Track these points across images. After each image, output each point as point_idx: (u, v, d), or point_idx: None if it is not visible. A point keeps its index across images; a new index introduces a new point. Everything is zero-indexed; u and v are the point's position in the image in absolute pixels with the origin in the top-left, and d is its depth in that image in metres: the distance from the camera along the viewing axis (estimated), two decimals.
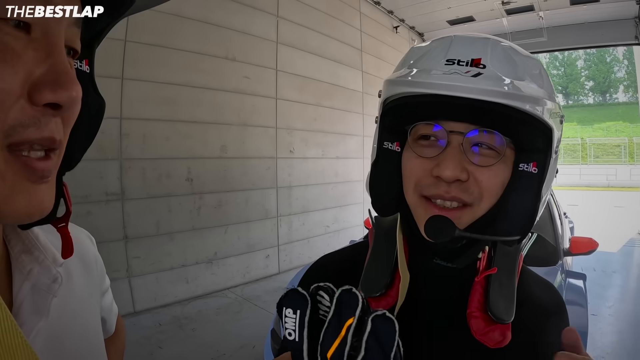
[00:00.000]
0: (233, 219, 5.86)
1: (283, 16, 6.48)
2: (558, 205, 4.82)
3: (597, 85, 54.65)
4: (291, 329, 0.42)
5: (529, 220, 0.68)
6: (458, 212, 0.67)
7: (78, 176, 4.15)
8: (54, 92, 0.39)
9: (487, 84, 0.62)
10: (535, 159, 0.67)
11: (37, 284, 0.54)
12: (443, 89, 0.63)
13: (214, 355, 3.87)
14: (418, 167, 0.69)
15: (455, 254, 0.72)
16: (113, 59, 4.44)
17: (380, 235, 0.78)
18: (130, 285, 4.70)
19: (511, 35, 10.24)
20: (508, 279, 0.69)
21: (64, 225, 0.54)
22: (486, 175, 0.66)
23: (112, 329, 0.90)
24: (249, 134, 6.02)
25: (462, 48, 0.68)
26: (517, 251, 0.74)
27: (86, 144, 0.56)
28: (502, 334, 0.63)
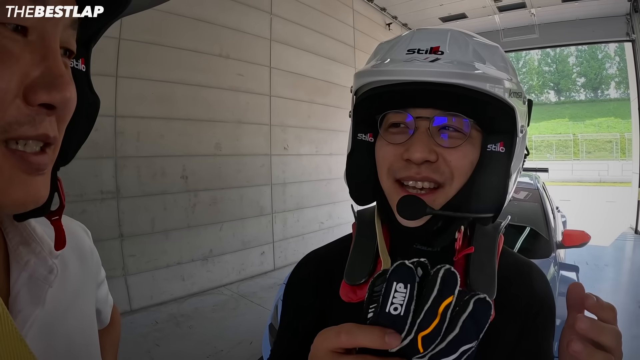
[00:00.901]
0: (228, 216, 5.86)
1: (276, 13, 6.47)
2: (551, 200, 4.87)
3: (588, 81, 54.85)
4: (399, 303, 0.41)
5: (500, 198, 0.70)
6: (431, 195, 0.70)
7: (73, 175, 4.15)
8: (49, 93, 0.41)
9: (444, 67, 0.65)
10: (502, 139, 0.70)
11: (33, 274, 0.56)
12: (402, 75, 0.66)
13: (211, 352, 3.87)
14: (390, 153, 0.73)
15: (433, 237, 0.74)
16: (107, 57, 4.42)
17: (362, 227, 0.82)
18: (127, 284, 4.69)
19: (503, 32, 10.29)
20: (488, 259, 0.72)
21: (58, 218, 0.55)
22: (454, 156, 0.69)
23: (107, 319, 0.92)
24: (243, 131, 6.02)
25: (422, 38, 0.72)
26: (496, 231, 0.78)
27: (81, 140, 0.58)
28: None
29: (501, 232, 0.79)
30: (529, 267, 0.82)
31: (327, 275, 0.83)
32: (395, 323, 0.41)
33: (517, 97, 0.70)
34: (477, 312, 0.41)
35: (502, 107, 0.67)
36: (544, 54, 56.94)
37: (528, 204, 3.95)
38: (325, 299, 0.81)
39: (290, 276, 0.91)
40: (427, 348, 0.41)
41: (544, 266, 3.10)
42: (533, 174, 5.10)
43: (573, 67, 56.70)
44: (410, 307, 0.41)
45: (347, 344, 0.43)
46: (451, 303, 0.41)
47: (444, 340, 0.41)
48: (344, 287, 0.75)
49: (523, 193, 4.10)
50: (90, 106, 0.57)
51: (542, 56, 57.96)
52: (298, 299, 0.87)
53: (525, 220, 3.76)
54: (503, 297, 0.71)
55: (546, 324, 0.77)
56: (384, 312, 0.41)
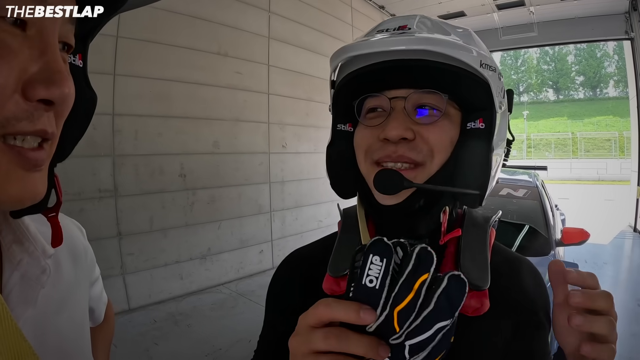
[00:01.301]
0: (226, 215, 5.85)
1: (275, 11, 6.46)
2: (549, 198, 4.87)
3: (587, 80, 55.03)
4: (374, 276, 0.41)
5: (484, 174, 0.69)
6: (412, 172, 0.68)
7: (71, 173, 4.15)
8: (47, 89, 0.40)
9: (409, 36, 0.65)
10: (481, 116, 0.69)
11: (26, 274, 0.55)
12: (370, 47, 0.65)
13: (209, 351, 3.88)
14: (367, 135, 0.72)
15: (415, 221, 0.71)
16: (105, 55, 4.41)
17: (347, 223, 0.80)
18: (125, 282, 4.68)
19: (502, 30, 10.29)
20: (479, 249, 0.70)
21: (55, 215, 0.55)
22: (432, 132, 0.67)
23: (100, 317, 0.92)
24: (242, 129, 6.02)
25: (392, 21, 0.73)
26: (487, 223, 0.75)
27: (78, 136, 0.58)
28: (479, 300, 0.63)
29: (492, 226, 0.77)
30: (521, 263, 0.80)
31: (311, 273, 0.81)
32: (371, 296, 0.42)
33: (491, 70, 0.68)
34: (452, 288, 0.42)
35: (475, 79, 0.66)
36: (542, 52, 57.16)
37: (527, 201, 3.95)
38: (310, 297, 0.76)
39: (274, 276, 0.89)
40: (402, 325, 0.42)
41: (543, 264, 3.07)
42: (532, 172, 5.09)
43: (572, 66, 56.91)
44: (386, 282, 0.42)
45: (325, 317, 0.43)
46: (426, 280, 0.42)
47: (418, 316, 0.42)
48: (328, 279, 0.72)
49: (522, 191, 4.09)
50: (88, 102, 0.57)
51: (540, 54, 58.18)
52: (281, 299, 0.85)
53: (524, 218, 3.76)
54: (497, 291, 0.68)
55: (541, 322, 0.75)
56: (360, 284, 0.42)
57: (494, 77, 0.68)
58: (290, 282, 0.84)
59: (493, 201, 3.99)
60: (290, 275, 0.86)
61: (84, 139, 2.24)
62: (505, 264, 0.77)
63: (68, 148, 0.56)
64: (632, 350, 3.78)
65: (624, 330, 4.19)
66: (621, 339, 1.36)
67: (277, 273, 0.89)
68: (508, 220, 3.81)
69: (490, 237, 0.74)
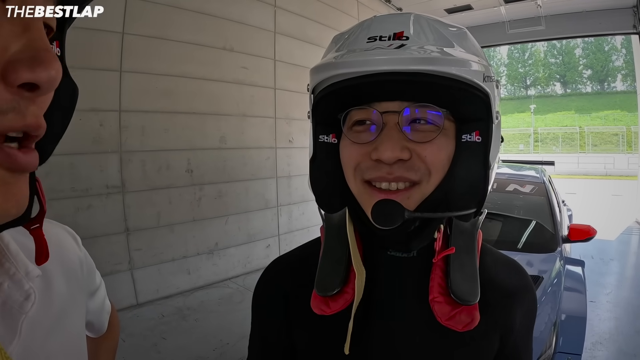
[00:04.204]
0: (233, 210, 5.86)
1: (280, 6, 6.43)
2: (556, 193, 4.85)
3: (595, 73, 54.58)
4: None
5: (481, 191, 0.65)
6: (406, 192, 0.64)
7: (78, 170, 4.19)
8: (32, 70, 0.34)
9: (411, 53, 0.59)
10: (477, 128, 0.64)
11: (7, 300, 0.49)
12: (366, 65, 0.59)
13: (217, 345, 3.90)
14: (355, 152, 0.66)
15: (409, 239, 0.68)
16: (111, 52, 4.42)
17: (331, 231, 0.73)
18: (133, 278, 4.71)
19: (509, 23, 10.21)
20: (468, 258, 0.66)
21: (38, 226, 0.48)
22: (429, 150, 0.62)
23: (103, 328, 0.86)
24: (248, 124, 6.01)
25: (383, 24, 0.66)
26: (474, 228, 0.70)
27: (59, 134, 0.50)
28: (470, 315, 0.61)
29: (478, 228, 0.71)
30: (509, 265, 0.79)
31: (296, 283, 0.77)
32: None
33: (491, 81, 0.64)
34: None
35: (475, 92, 0.61)
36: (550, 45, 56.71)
37: (534, 197, 3.94)
38: (296, 309, 0.76)
39: (257, 286, 0.84)
40: None
41: (550, 261, 3.10)
42: (539, 167, 5.07)
43: (579, 59, 56.47)
44: None
45: None
46: None
47: None
48: (315, 298, 0.67)
49: (529, 187, 4.08)
50: (68, 92, 0.50)
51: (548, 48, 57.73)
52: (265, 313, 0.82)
53: (531, 214, 3.76)
54: (484, 297, 0.66)
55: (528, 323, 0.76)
56: None
57: (492, 87, 0.64)
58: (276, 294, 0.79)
59: (499, 197, 3.99)
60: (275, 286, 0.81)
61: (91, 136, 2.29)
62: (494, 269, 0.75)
63: (49, 148, 0.48)
64: (636, 347, 3.78)
65: (629, 328, 4.18)
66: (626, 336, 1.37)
67: (260, 285, 0.83)
68: (514, 216, 3.81)
69: (478, 240, 0.71)
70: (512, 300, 0.73)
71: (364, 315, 0.69)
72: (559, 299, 2.69)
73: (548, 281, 2.78)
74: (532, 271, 2.89)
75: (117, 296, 4.45)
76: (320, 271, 0.69)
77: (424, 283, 0.67)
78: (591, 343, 3.77)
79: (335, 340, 0.68)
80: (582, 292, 2.95)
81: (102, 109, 4.40)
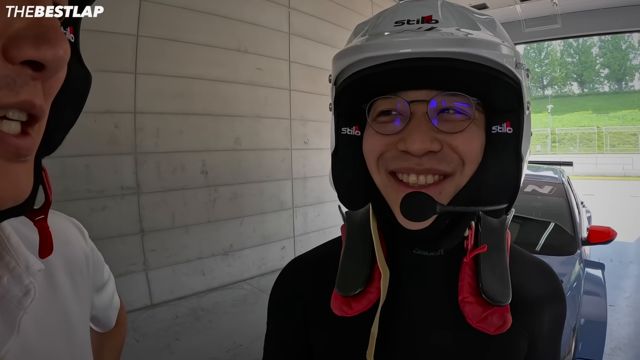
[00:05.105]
0: (248, 211, 5.87)
1: (294, 7, 6.44)
2: (575, 195, 4.78)
3: (612, 72, 53.98)
4: None
5: (514, 185, 0.63)
6: (437, 186, 0.61)
7: (94, 171, 4.24)
8: (37, 47, 0.32)
9: (442, 34, 0.56)
10: (508, 119, 0.61)
11: (5, 295, 0.47)
12: (396, 47, 0.56)
13: (230, 347, 3.90)
14: (380, 142, 0.63)
15: (439, 238, 0.64)
16: (126, 54, 4.46)
17: (352, 229, 0.71)
18: (148, 278, 4.74)
19: (525, 22, 10.12)
20: (498, 257, 0.63)
21: (43, 218, 0.46)
22: (461, 140, 0.59)
23: (111, 323, 0.85)
24: (263, 125, 6.02)
25: (410, 8, 0.63)
26: (504, 227, 0.68)
27: (70, 122, 0.48)
28: (502, 317, 0.58)
29: (507, 228, 0.69)
30: (540, 268, 0.76)
31: (315, 284, 0.75)
32: None
33: (524, 69, 0.61)
34: None
35: (508, 81, 0.58)
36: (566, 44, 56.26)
37: (553, 198, 3.88)
38: (314, 311, 0.74)
39: (274, 287, 0.81)
40: None
41: (569, 263, 3.05)
42: (558, 167, 5.00)
43: (596, 58, 55.86)
44: None
45: None
46: None
47: None
48: (336, 298, 0.65)
49: (547, 187, 4.02)
50: (81, 81, 0.48)
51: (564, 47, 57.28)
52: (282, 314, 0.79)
53: (550, 215, 3.70)
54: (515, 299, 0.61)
55: (557, 328, 0.73)
56: None
57: (524, 77, 0.61)
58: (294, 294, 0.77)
59: (519, 198, 3.93)
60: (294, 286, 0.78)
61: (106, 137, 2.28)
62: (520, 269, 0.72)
63: (58, 136, 0.47)
64: None
65: None
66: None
67: (278, 284, 0.81)
68: (533, 218, 3.75)
69: (507, 240, 0.68)
70: (541, 305, 0.70)
71: (388, 316, 0.66)
72: (579, 303, 2.63)
73: (567, 284, 2.74)
74: None
75: (132, 297, 4.49)
76: (341, 271, 0.66)
77: (452, 283, 0.64)
78: (610, 348, 3.70)
79: (357, 343, 0.66)
80: (601, 295, 2.90)
81: (117, 111, 4.43)
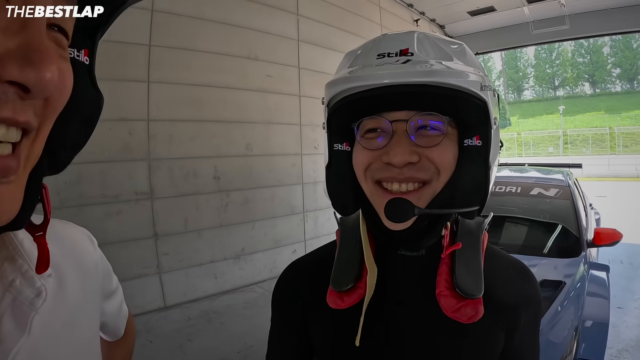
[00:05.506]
0: (259, 215, 5.94)
1: (303, 14, 6.52)
2: (583, 197, 4.77)
3: (624, 72, 53.26)
4: None
5: (484, 190, 0.71)
6: (417, 192, 0.70)
7: (108, 177, 4.34)
8: (21, 69, 0.33)
9: (415, 67, 0.66)
10: (477, 133, 0.70)
11: (18, 297, 0.48)
12: (377, 79, 0.66)
13: (241, 348, 3.96)
14: (367, 155, 0.72)
15: (419, 238, 0.74)
16: (139, 63, 4.58)
17: (346, 233, 0.82)
18: (161, 281, 4.82)
19: (533, 24, 10.07)
20: (473, 256, 0.73)
21: (42, 234, 0.48)
22: (437, 152, 0.68)
23: (120, 332, 0.86)
24: (273, 131, 6.09)
25: (390, 42, 0.72)
26: (480, 229, 0.78)
27: (77, 143, 0.49)
28: (474, 308, 0.67)
29: (485, 230, 0.79)
30: (517, 268, 0.84)
31: (313, 284, 0.84)
32: None
33: (488, 90, 0.70)
34: None
35: (474, 101, 0.67)
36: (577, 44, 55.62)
37: (558, 201, 3.88)
38: (313, 308, 0.83)
39: (276, 287, 0.92)
40: None
41: (574, 265, 3.07)
42: (565, 170, 4.99)
43: (607, 58, 55.13)
44: None
45: None
46: None
47: None
48: (331, 293, 0.75)
49: (554, 190, 4.03)
50: (91, 102, 0.49)
51: (575, 47, 56.62)
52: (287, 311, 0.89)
53: (556, 217, 3.71)
54: (490, 295, 0.72)
55: (532, 322, 0.81)
56: None
57: (490, 95, 0.70)
58: (294, 294, 0.87)
59: (525, 201, 3.97)
60: (293, 287, 0.88)
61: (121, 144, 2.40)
62: (497, 268, 0.80)
63: (64, 155, 0.48)
64: None
65: None
66: None
67: (279, 286, 0.91)
68: (540, 220, 3.78)
69: (483, 242, 0.78)
70: (518, 301, 0.78)
71: (375, 309, 0.75)
72: (582, 304, 2.65)
73: (571, 286, 2.74)
74: (555, 276, 2.86)
75: (145, 299, 4.57)
76: (335, 269, 0.77)
77: (431, 279, 0.73)
78: (617, 350, 3.67)
79: (348, 333, 0.75)
80: (605, 297, 2.90)
81: (131, 119, 4.54)
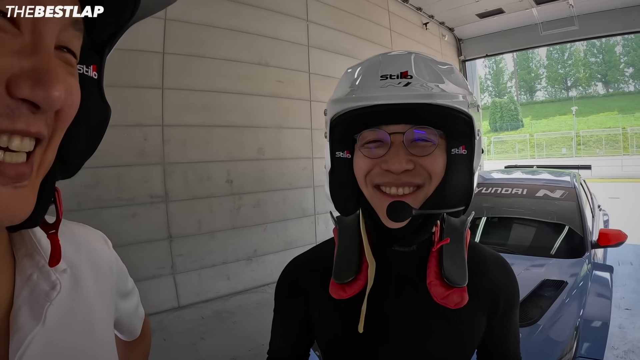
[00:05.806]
0: (271, 218, 6.03)
1: (313, 20, 6.62)
2: (592, 198, 4.77)
3: (637, 71, 52.53)
4: None
5: (468, 192, 0.82)
6: (412, 195, 0.79)
7: (124, 181, 4.48)
8: (32, 89, 0.37)
9: (416, 90, 0.75)
10: (463, 143, 0.80)
11: (35, 289, 0.52)
12: (383, 100, 0.75)
13: (253, 346, 4.03)
14: (367, 163, 0.81)
15: (413, 234, 0.84)
16: (153, 71, 4.72)
17: (344, 230, 0.90)
18: (175, 282, 4.93)
19: (542, 25, 10.04)
20: (458, 250, 0.83)
21: (54, 232, 0.52)
22: (429, 161, 0.78)
23: (136, 332, 0.90)
24: (285, 135, 6.19)
25: (391, 64, 0.81)
26: (464, 226, 0.87)
27: (86, 151, 0.53)
28: (460, 296, 0.77)
29: (467, 227, 0.89)
30: (493, 259, 0.96)
31: (314, 277, 0.94)
32: None
33: (474, 107, 0.80)
34: None
35: (462, 117, 0.77)
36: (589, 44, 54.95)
37: (564, 202, 3.88)
38: (315, 299, 0.93)
39: (279, 281, 1.01)
40: None
41: (577, 265, 3.10)
42: (572, 171, 4.98)
43: (620, 57, 54.38)
44: None
45: None
46: None
47: None
48: (333, 285, 0.83)
49: (559, 192, 4.05)
50: (99, 115, 0.53)
51: (587, 47, 55.91)
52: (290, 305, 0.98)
53: (562, 218, 3.73)
54: (473, 285, 0.83)
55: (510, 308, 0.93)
56: None
57: (475, 111, 0.81)
58: (296, 288, 0.97)
59: (532, 202, 4.02)
60: (295, 281, 0.98)
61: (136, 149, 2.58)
62: (479, 261, 0.92)
63: (74, 163, 0.52)
64: None
65: None
66: None
67: (281, 281, 1.01)
68: (546, 221, 3.82)
69: (466, 238, 0.87)
70: (497, 289, 0.91)
71: (373, 299, 0.86)
72: (583, 304, 2.67)
73: (573, 285, 2.78)
74: (557, 276, 2.90)
75: (160, 298, 4.68)
76: (337, 263, 0.86)
77: (422, 271, 0.84)
78: (623, 351, 3.65)
79: (350, 321, 0.86)
80: (607, 297, 2.92)
81: (146, 124, 4.68)
